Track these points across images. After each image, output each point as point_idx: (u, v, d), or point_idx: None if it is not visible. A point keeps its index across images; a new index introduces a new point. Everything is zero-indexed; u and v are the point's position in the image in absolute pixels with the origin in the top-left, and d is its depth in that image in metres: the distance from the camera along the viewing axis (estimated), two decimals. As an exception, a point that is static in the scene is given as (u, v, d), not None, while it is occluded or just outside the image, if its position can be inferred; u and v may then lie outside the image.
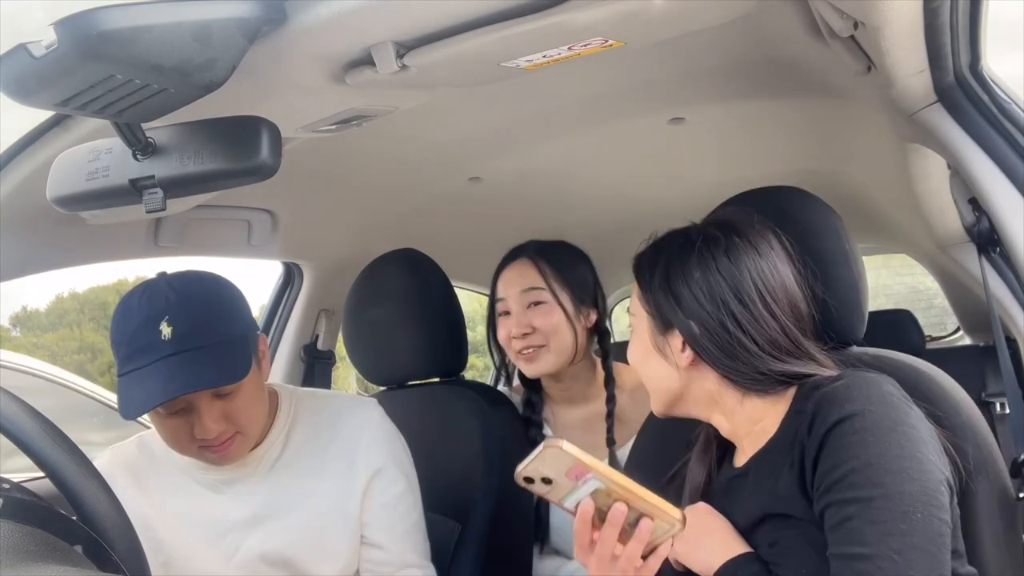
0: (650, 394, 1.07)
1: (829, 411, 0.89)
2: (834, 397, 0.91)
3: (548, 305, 1.56)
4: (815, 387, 0.95)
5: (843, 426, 0.88)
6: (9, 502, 0.73)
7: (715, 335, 0.97)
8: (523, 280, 1.58)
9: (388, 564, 1.29)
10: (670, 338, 1.01)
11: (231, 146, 0.82)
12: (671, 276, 1.01)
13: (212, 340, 1.12)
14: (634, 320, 1.07)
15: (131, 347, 1.12)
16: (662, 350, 1.02)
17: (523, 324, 1.56)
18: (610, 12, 0.86)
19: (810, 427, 0.91)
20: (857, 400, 0.89)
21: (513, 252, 1.65)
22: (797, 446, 0.93)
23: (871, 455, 0.86)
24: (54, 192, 0.90)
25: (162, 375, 1.08)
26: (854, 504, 0.85)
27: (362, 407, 1.35)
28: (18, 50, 0.69)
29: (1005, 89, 1.12)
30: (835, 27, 0.97)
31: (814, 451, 0.89)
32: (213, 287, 1.19)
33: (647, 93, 1.45)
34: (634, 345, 1.07)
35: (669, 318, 1.01)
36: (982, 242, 1.19)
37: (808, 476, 0.91)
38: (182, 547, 1.25)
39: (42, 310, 21.58)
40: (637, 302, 1.06)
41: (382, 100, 1.12)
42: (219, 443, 1.17)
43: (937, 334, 3.31)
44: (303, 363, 2.13)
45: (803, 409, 0.94)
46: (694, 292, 0.98)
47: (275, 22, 0.84)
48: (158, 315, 1.11)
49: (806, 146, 1.83)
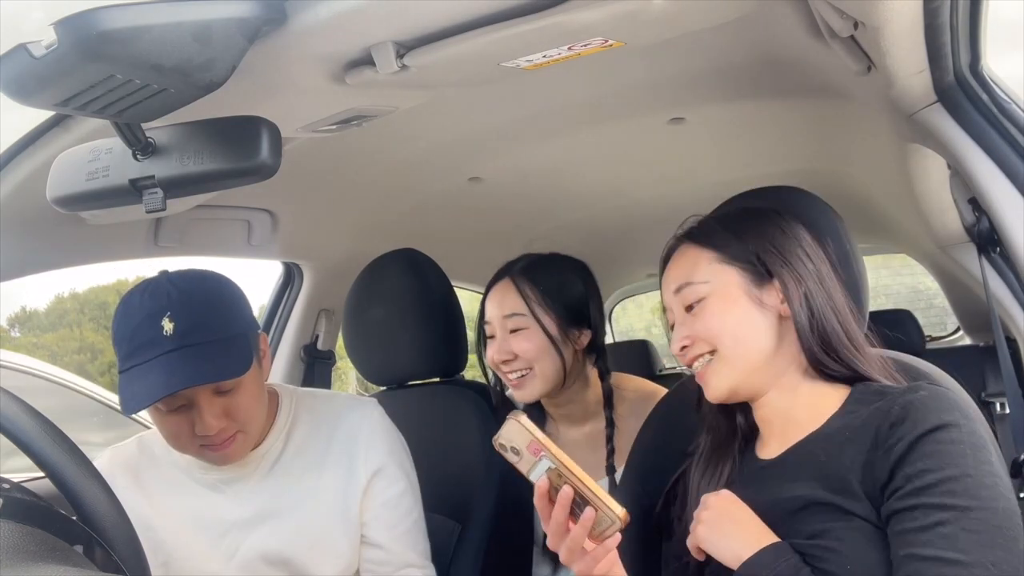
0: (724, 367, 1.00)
1: (923, 417, 0.89)
2: (925, 405, 0.90)
3: (530, 331, 1.50)
4: (879, 393, 0.95)
5: (941, 433, 0.87)
6: (9, 502, 0.73)
7: (817, 292, 0.99)
8: (505, 305, 1.53)
9: (388, 564, 1.29)
10: (768, 290, 1.01)
11: (231, 146, 0.82)
12: (775, 231, 1.02)
13: (214, 336, 1.13)
14: (707, 288, 1.01)
15: (133, 343, 1.12)
16: (761, 301, 1.00)
17: (504, 351, 1.51)
18: (610, 12, 0.86)
19: (893, 428, 0.90)
20: (953, 411, 0.89)
21: (501, 271, 1.58)
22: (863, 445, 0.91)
23: (970, 466, 0.85)
24: (54, 192, 0.90)
25: (164, 370, 1.09)
26: (951, 511, 0.84)
27: (362, 407, 1.35)
28: (18, 50, 0.69)
29: (1005, 89, 1.12)
30: (835, 27, 0.97)
31: (898, 453, 0.88)
32: (215, 285, 1.19)
33: (647, 93, 1.45)
34: (719, 311, 1.01)
35: (776, 266, 1.00)
36: (982, 242, 1.19)
37: (880, 475, 0.89)
38: (182, 547, 1.25)
39: (42, 310, 21.58)
40: (712, 266, 1.02)
41: (382, 100, 1.12)
42: (220, 441, 1.17)
43: (937, 334, 3.31)
44: (303, 363, 2.14)
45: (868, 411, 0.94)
46: (804, 247, 1.02)
47: (275, 22, 0.84)
48: (160, 312, 1.11)
49: (806, 146, 1.83)
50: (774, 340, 1.00)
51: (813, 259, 1.02)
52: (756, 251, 1.02)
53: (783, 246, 1.02)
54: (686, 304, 1.03)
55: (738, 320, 1.00)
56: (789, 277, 1.00)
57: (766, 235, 1.03)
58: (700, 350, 1.01)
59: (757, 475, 1.02)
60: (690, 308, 1.02)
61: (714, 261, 1.03)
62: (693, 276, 1.03)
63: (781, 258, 1.01)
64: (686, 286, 1.03)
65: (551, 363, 1.50)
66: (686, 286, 1.03)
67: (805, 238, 1.03)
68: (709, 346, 1.01)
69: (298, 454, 1.28)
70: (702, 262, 1.03)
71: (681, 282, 1.04)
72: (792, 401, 1.01)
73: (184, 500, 1.26)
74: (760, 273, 1.01)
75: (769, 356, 1.00)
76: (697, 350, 1.02)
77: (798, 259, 1.01)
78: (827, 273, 1.02)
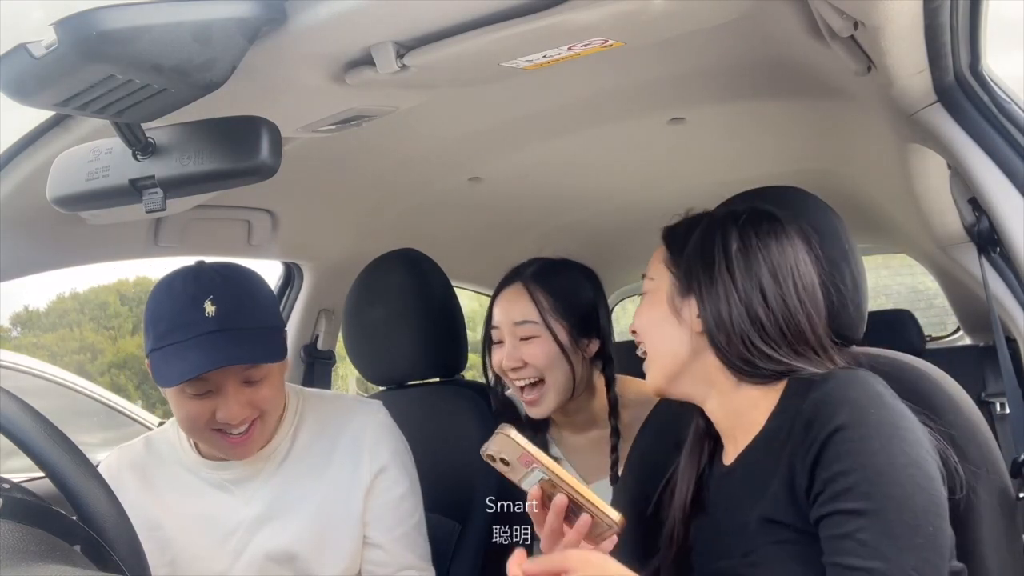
0: (651, 366, 1.05)
1: (829, 414, 0.88)
2: (830, 398, 0.89)
3: (541, 339, 1.47)
4: (806, 384, 0.94)
5: (848, 432, 0.86)
6: (9, 502, 0.73)
7: (734, 312, 0.97)
8: (516, 311, 1.49)
9: (387, 565, 1.29)
10: (688, 302, 1.01)
11: (231, 146, 0.82)
12: (707, 243, 1.01)
13: (253, 323, 1.18)
14: (651, 285, 1.06)
15: (173, 322, 1.15)
16: (679, 312, 1.01)
17: (514, 358, 1.48)
18: (610, 12, 0.86)
19: (806, 429, 0.89)
20: (855, 403, 0.88)
21: (511, 274, 1.55)
22: (788, 447, 0.91)
23: (879, 463, 0.84)
24: (54, 192, 0.90)
25: (205, 347, 1.12)
26: (864, 516, 0.83)
27: (367, 408, 1.36)
28: (18, 50, 0.69)
29: (1005, 89, 1.12)
30: (835, 27, 0.97)
31: (812, 455, 0.88)
32: (253, 278, 1.24)
33: (647, 93, 1.45)
34: (647, 310, 1.06)
35: (695, 281, 1.00)
36: (982, 242, 1.19)
37: (801, 480, 0.89)
38: (189, 546, 1.25)
39: (42, 310, 21.57)
40: (660, 265, 1.05)
41: (382, 100, 1.12)
42: (238, 433, 1.19)
43: (937, 334, 3.31)
44: (303, 363, 2.14)
45: (794, 407, 0.93)
46: (730, 263, 0.99)
47: (275, 22, 0.84)
48: (203, 294, 1.15)
49: (806, 146, 1.83)
50: (687, 351, 1.01)
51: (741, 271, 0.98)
52: (686, 261, 1.02)
53: (709, 260, 1.00)
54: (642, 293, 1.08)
55: (655, 323, 1.04)
56: (705, 294, 0.99)
57: (699, 246, 1.02)
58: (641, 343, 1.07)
59: (718, 482, 1.04)
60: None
61: (660, 261, 1.06)
62: (649, 269, 1.07)
63: (703, 274, 1.00)
64: (644, 277, 1.08)
65: (562, 373, 1.47)
66: (644, 277, 1.08)
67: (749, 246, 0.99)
68: (642, 341, 1.07)
69: (304, 454, 1.29)
70: (656, 259, 1.07)
71: (645, 271, 1.08)
72: (732, 406, 1.01)
73: (191, 499, 1.27)
74: (685, 285, 1.02)
75: (684, 364, 1.02)
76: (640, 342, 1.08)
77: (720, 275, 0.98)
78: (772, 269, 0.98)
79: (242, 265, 1.25)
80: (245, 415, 1.18)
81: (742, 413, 1.00)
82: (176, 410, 1.20)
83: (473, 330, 1.68)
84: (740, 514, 0.96)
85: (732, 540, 0.97)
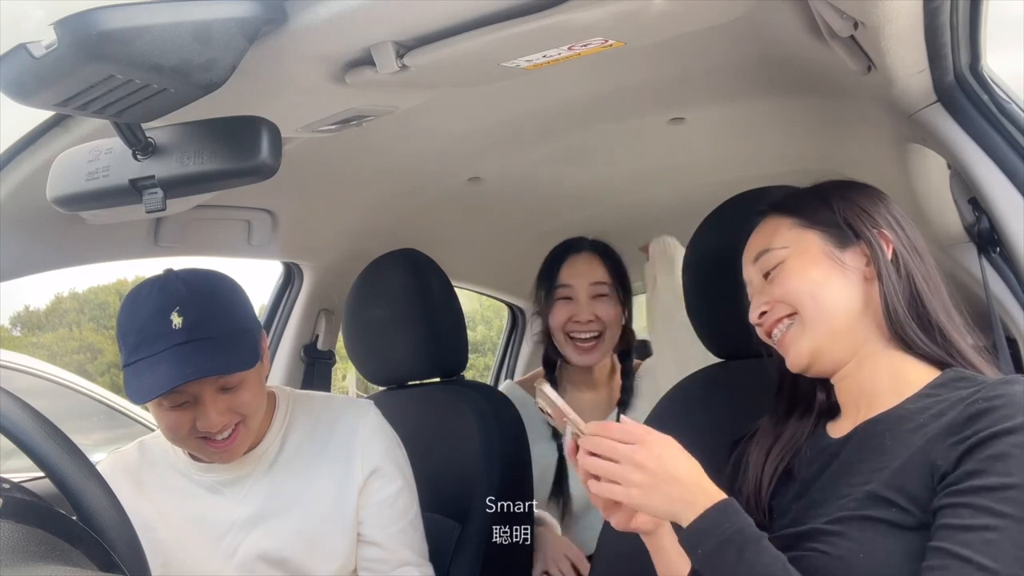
0: (810, 329, 0.97)
1: (1008, 414, 0.82)
2: (1013, 401, 0.83)
3: (610, 298, 1.73)
4: (970, 380, 0.90)
5: (1018, 436, 0.81)
6: (9, 502, 0.73)
7: (907, 259, 0.96)
8: (592, 272, 1.73)
9: (384, 562, 1.29)
10: (851, 252, 0.98)
11: (231, 146, 0.82)
12: (856, 197, 1.00)
13: (222, 331, 1.15)
14: (787, 252, 1.00)
15: (141, 335, 1.13)
16: (843, 263, 0.97)
17: (589, 311, 1.71)
18: (610, 12, 0.86)
19: (971, 420, 0.84)
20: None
21: (574, 243, 1.78)
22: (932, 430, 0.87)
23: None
24: (54, 192, 0.90)
25: (174, 361, 1.11)
26: (1002, 518, 0.79)
27: (358, 408, 1.36)
28: (18, 50, 0.69)
29: (1005, 89, 1.12)
30: (835, 27, 0.97)
31: (968, 445, 0.83)
32: (221, 283, 1.22)
33: (647, 93, 1.45)
34: (799, 273, 0.98)
35: (859, 228, 0.98)
36: (982, 242, 1.19)
37: (944, 466, 0.84)
38: (182, 548, 1.25)
39: (42, 310, 21.58)
40: (789, 232, 1.01)
41: (382, 100, 1.12)
42: (221, 439, 1.18)
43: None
44: (303, 363, 2.14)
45: (953, 396, 0.88)
46: (890, 212, 0.99)
47: (275, 22, 0.84)
48: (169, 306, 1.13)
49: (806, 146, 1.83)
50: (858, 301, 0.97)
51: (906, 228, 0.99)
52: (842, 213, 0.99)
53: (871, 208, 0.99)
54: (764, 271, 1.02)
55: (818, 280, 0.98)
56: (877, 238, 0.97)
57: (852, 199, 1.00)
58: (779, 313, 0.99)
59: (820, 454, 0.99)
60: (768, 275, 1.01)
61: (794, 226, 1.01)
62: (772, 243, 1.01)
63: (869, 219, 0.98)
64: (764, 253, 1.02)
65: (617, 331, 1.74)
66: (764, 253, 1.02)
67: (899, 210, 1.01)
68: (789, 308, 0.98)
69: (295, 455, 1.29)
70: (782, 228, 1.02)
71: (760, 250, 1.02)
72: (873, 372, 0.97)
73: (183, 502, 1.27)
74: (843, 236, 0.98)
75: (852, 318, 0.96)
76: (776, 313, 0.99)
77: (888, 223, 0.98)
78: (924, 248, 0.98)
79: (210, 270, 1.23)
80: (225, 422, 1.17)
81: (880, 381, 0.96)
82: (157, 422, 1.20)
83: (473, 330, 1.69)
84: (843, 485, 0.92)
85: (822, 509, 0.93)
